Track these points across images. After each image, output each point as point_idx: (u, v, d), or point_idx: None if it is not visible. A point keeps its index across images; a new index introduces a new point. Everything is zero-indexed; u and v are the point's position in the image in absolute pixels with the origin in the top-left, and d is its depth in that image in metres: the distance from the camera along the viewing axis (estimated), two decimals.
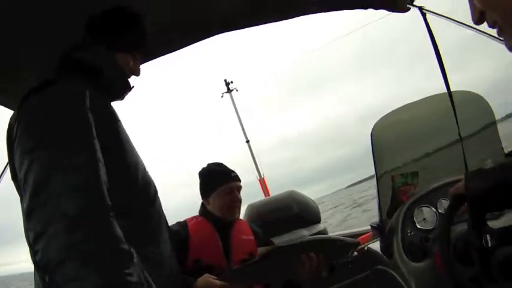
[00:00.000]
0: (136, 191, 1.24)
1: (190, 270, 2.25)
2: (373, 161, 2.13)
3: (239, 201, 2.51)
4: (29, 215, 1.03)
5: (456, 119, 1.96)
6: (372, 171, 2.20)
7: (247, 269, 1.99)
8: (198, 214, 2.57)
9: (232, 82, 9.38)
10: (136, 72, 1.52)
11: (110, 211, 1.05)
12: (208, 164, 2.62)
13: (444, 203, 1.99)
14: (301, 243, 1.99)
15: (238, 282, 1.95)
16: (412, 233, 2.00)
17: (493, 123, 2.20)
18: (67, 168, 1.03)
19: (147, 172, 1.32)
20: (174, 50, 2.37)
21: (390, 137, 2.25)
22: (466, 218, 1.63)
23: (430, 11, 2.27)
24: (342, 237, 2.06)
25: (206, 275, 1.88)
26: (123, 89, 1.47)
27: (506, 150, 2.13)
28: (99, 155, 1.10)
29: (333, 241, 2.03)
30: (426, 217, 2.03)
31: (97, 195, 1.04)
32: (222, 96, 9.21)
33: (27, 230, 1.06)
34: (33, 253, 1.02)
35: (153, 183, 1.34)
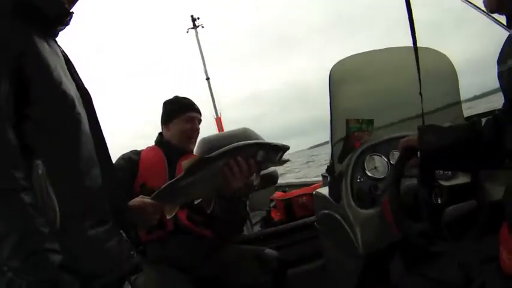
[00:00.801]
0: (46, 102, 1.28)
1: (137, 194, 2.21)
2: (329, 103, 2.07)
3: (197, 131, 2.65)
4: None
5: (419, 74, 1.91)
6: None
7: (173, 186, 1.89)
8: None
9: (198, 18, 9.12)
10: None
11: (1, 116, 1.13)
12: (175, 96, 2.76)
13: (396, 155, 1.96)
14: (226, 149, 1.87)
15: (167, 201, 1.84)
16: (362, 180, 2.00)
17: (456, 85, 2.19)
18: None
19: (62, 85, 1.33)
20: None
21: (348, 81, 2.19)
22: (417, 173, 1.64)
23: None
24: (269, 141, 1.95)
25: (141, 196, 1.81)
26: (56, 13, 1.44)
27: None
28: (3, 71, 1.17)
29: (260, 144, 1.91)
30: (377, 166, 2.04)
31: None
32: (187, 32, 8.98)
33: None
34: None
35: (71, 96, 1.35)
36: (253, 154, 1.83)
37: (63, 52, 1.49)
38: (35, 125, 1.23)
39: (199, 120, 2.66)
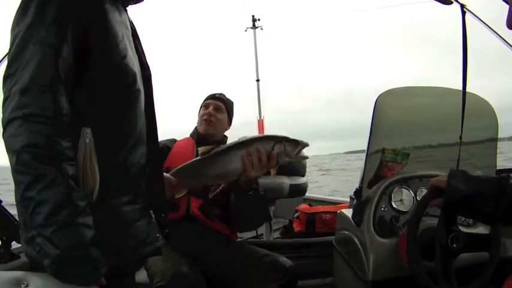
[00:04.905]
0: (105, 73, 1.28)
1: None
2: (370, 128, 2.10)
3: (212, 116, 2.68)
4: (3, 81, 1.15)
5: (462, 119, 1.94)
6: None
7: (190, 167, 1.98)
8: None
9: (259, 19, 9.15)
10: None
11: (57, 83, 1.14)
12: None
13: (424, 192, 1.96)
14: (246, 139, 1.95)
15: (183, 180, 1.91)
16: (386, 209, 2.02)
17: (495, 138, 2.18)
18: (36, 42, 1.14)
19: (126, 58, 1.33)
20: None
21: (392, 111, 2.21)
22: (439, 214, 1.67)
23: (471, 12, 2.21)
24: (289, 136, 2.00)
25: None
26: None
27: None
28: (69, 36, 1.18)
29: (278, 137, 1.96)
30: (403, 199, 2.05)
31: (49, 67, 1.13)
32: (245, 31, 9.02)
33: None
34: None
35: (133, 72, 1.36)
36: (271, 146, 1.90)
37: (131, 24, 1.49)
38: (88, 93, 1.24)
39: (217, 106, 2.73)
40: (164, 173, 1.75)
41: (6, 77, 1.15)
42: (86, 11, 1.24)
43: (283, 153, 1.92)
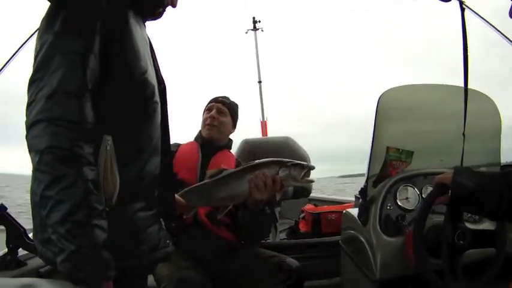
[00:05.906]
0: (128, 87, 1.32)
1: None
2: (373, 127, 2.11)
3: (214, 119, 2.66)
4: (29, 86, 1.18)
5: (465, 116, 1.93)
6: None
7: (198, 189, 2.02)
8: None
9: (260, 21, 9.14)
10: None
11: (84, 91, 1.17)
12: None
13: (429, 190, 1.96)
14: (253, 164, 1.99)
15: (190, 201, 1.94)
16: (391, 208, 2.02)
17: (498, 131, 2.18)
18: (64, 52, 1.17)
19: (146, 75, 1.36)
20: None
21: (395, 109, 2.21)
22: (445, 211, 1.67)
23: (470, 9, 2.20)
24: (294, 160, 2.03)
25: None
26: (152, 3, 1.52)
27: None
28: (96, 47, 1.21)
29: (283, 162, 1.99)
30: (409, 197, 2.05)
31: (77, 76, 1.16)
32: (246, 33, 9.02)
33: None
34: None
35: (152, 86, 1.39)
36: (276, 171, 1.94)
37: (148, 38, 1.53)
38: (110, 102, 1.27)
39: (219, 109, 2.70)
40: None
41: (32, 82, 1.18)
42: (112, 22, 1.27)
43: (289, 177, 1.95)
